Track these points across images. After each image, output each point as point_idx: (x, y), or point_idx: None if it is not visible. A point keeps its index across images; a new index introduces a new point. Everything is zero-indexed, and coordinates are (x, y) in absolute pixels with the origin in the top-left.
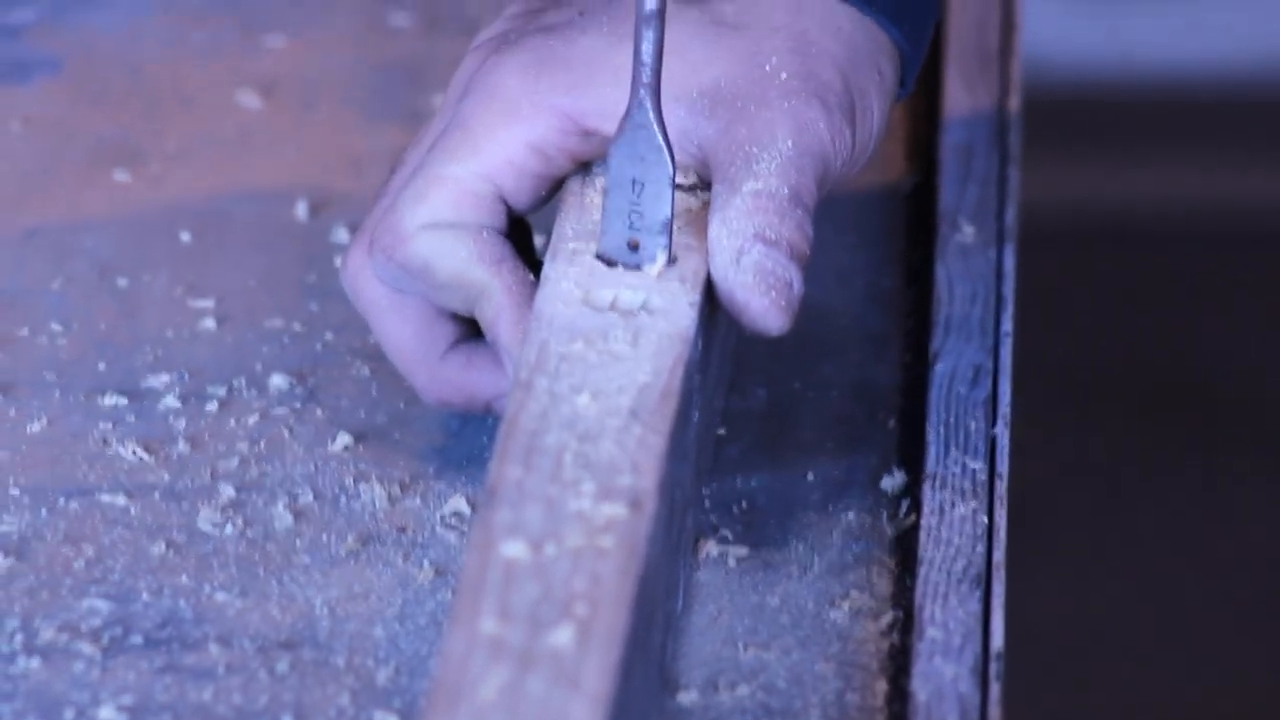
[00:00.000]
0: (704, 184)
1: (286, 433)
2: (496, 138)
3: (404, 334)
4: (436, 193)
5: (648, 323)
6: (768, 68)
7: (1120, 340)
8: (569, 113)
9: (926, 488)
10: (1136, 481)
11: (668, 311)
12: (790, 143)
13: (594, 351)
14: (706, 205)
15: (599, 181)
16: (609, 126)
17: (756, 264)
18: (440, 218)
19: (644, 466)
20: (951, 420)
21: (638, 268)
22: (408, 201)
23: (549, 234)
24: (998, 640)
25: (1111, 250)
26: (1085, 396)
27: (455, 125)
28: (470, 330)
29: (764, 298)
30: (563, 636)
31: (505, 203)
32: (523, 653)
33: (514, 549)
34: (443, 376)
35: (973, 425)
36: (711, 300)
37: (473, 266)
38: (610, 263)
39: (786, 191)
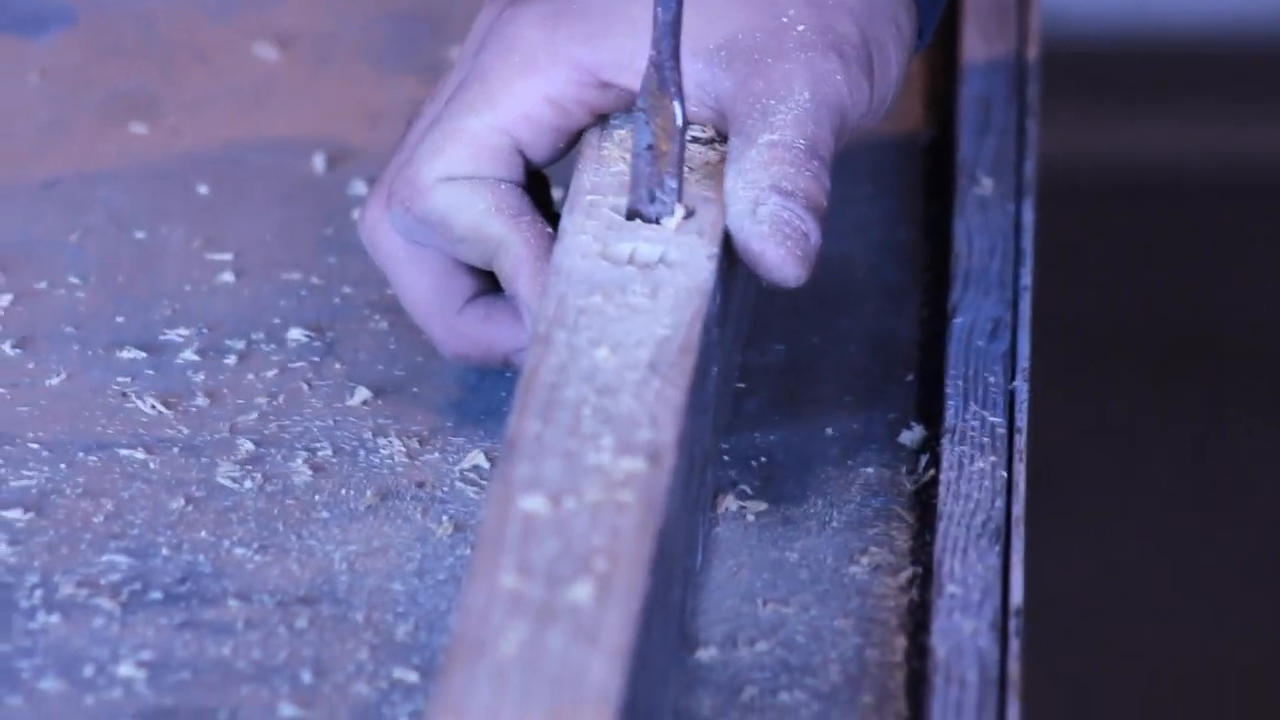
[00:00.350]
0: (722, 137)
1: (305, 387)
2: (513, 90)
3: (422, 287)
4: (453, 146)
5: (666, 276)
6: (784, 20)
7: (1138, 295)
8: (586, 64)
9: (945, 442)
10: (1154, 437)
11: (686, 264)
12: (807, 95)
13: (612, 305)
14: (725, 158)
15: (617, 134)
16: (626, 79)
17: (772, 214)
18: (457, 171)
19: (663, 420)
20: (970, 374)
21: (656, 221)
22: (425, 154)
23: (567, 187)
24: (1017, 595)
25: (1128, 204)
26: (1102, 352)
27: (473, 78)
28: (488, 284)
29: (780, 248)
30: (582, 591)
31: (523, 155)
32: (542, 607)
33: (533, 503)
34: (460, 330)
35: (991, 379)
36: (730, 254)
37: (490, 219)
38: (631, 216)
39: (803, 143)
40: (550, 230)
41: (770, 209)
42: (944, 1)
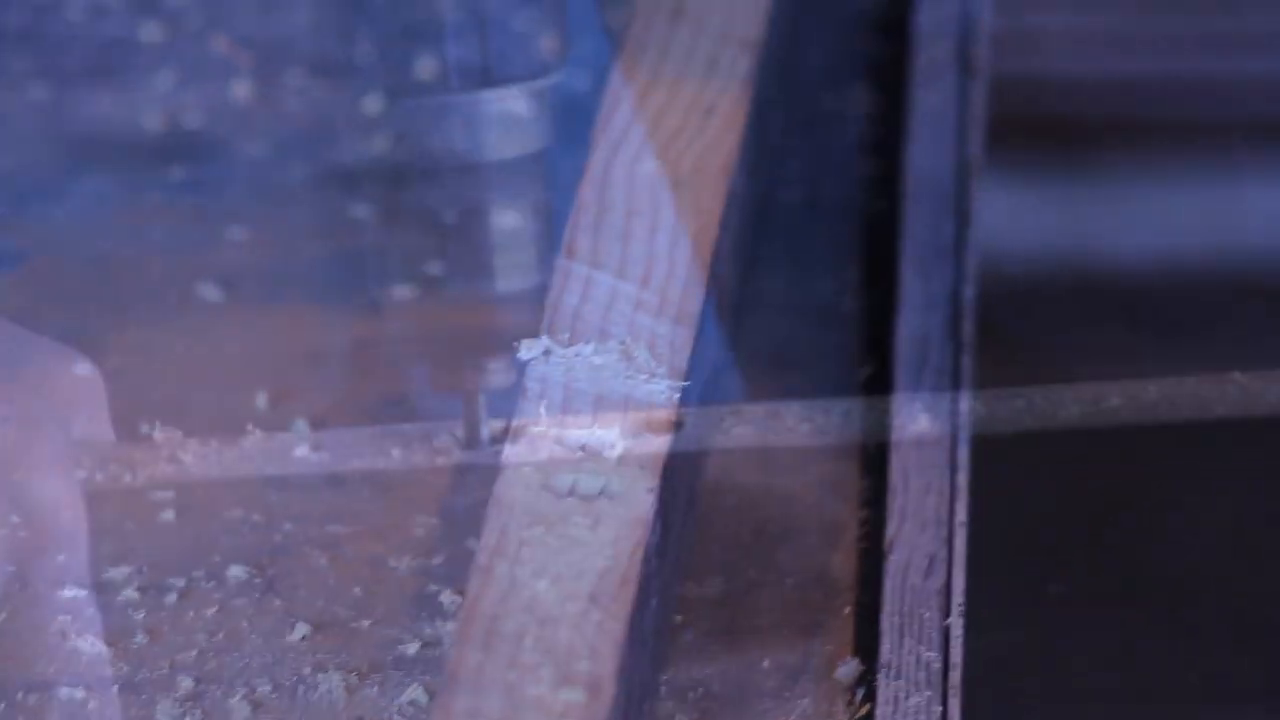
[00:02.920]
0: (663, 373)
1: (245, 623)
2: None
3: None
4: None
5: (607, 508)
6: None
7: (1078, 531)
8: None
9: (881, 677)
10: (1096, 672)
11: (627, 496)
12: None
13: (554, 536)
14: (666, 394)
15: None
16: None
17: None
18: None
19: (602, 652)
20: (906, 610)
21: None
22: None
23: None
24: None
25: (1068, 441)
26: (1042, 585)
27: None
28: None
29: None
30: None
31: None
32: None
33: None
34: None
35: (926, 615)
36: (670, 485)
37: None
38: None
39: None
40: None
41: None
42: None
